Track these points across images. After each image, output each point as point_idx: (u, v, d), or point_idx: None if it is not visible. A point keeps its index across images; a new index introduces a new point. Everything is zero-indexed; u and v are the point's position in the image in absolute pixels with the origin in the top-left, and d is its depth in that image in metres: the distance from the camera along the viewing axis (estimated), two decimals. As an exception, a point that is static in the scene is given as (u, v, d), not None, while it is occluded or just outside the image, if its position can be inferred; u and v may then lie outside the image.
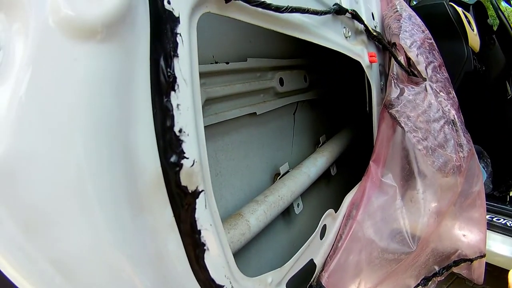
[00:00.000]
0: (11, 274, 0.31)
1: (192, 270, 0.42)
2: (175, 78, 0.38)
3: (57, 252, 0.32)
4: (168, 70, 0.37)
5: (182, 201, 0.40)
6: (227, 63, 0.87)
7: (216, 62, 0.85)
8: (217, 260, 0.46)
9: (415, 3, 2.00)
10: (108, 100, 0.33)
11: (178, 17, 0.39)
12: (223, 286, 0.47)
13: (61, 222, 0.31)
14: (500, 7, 2.01)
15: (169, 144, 0.38)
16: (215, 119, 0.83)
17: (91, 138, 0.32)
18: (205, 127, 0.80)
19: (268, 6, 0.53)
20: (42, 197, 0.30)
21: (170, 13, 0.38)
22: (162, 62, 0.37)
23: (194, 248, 0.42)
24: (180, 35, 0.39)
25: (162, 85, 0.37)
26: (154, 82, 0.36)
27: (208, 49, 0.84)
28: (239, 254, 0.83)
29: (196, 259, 0.42)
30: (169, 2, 0.38)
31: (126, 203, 0.35)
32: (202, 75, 0.79)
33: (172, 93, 0.38)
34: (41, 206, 0.30)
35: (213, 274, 0.45)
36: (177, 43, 0.39)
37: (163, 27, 0.37)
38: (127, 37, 0.34)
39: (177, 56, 0.38)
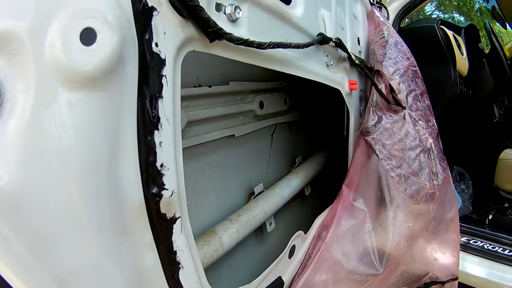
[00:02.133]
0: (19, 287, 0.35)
1: (168, 285, 0.47)
2: (158, 118, 0.42)
3: (57, 269, 0.36)
4: (153, 111, 0.41)
5: (161, 226, 0.44)
6: (210, 86, 0.90)
7: (200, 85, 0.89)
8: (190, 277, 0.51)
9: (407, 21, 2.02)
10: (98, 141, 0.36)
11: (165, 59, 0.42)
12: None
13: (59, 244, 0.35)
14: (494, 28, 2.03)
15: (151, 177, 0.42)
16: (195, 141, 0.86)
17: (83, 173, 0.36)
18: (185, 148, 0.84)
19: (251, 44, 0.56)
20: (43, 223, 0.34)
21: (158, 55, 0.41)
22: (147, 104, 0.40)
23: (170, 266, 0.47)
24: (165, 77, 0.42)
25: (147, 124, 0.40)
26: (140, 122, 0.40)
27: (192, 72, 0.87)
28: (211, 269, 0.86)
29: (172, 275, 0.47)
30: (156, 45, 0.41)
31: (114, 227, 0.39)
32: (185, 98, 0.84)
33: (156, 131, 0.41)
34: (42, 231, 0.34)
35: None
36: (162, 85, 0.42)
37: (150, 69, 0.40)
38: (117, 83, 0.37)
39: (162, 97, 0.42)
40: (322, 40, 0.85)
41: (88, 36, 0.33)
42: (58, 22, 0.32)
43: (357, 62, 1.05)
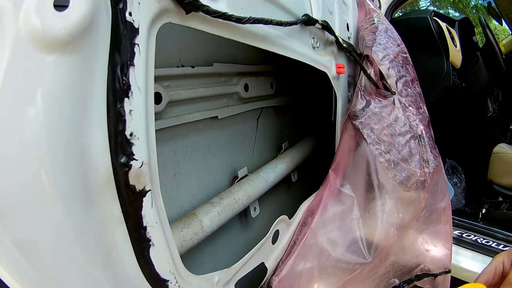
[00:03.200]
0: None
1: (138, 263, 0.45)
2: (129, 86, 0.41)
3: (19, 236, 0.36)
4: (124, 78, 0.40)
5: (129, 199, 0.43)
6: (193, 67, 0.88)
7: (183, 66, 0.87)
8: (162, 255, 0.49)
9: (399, 14, 2.01)
10: (67, 106, 0.36)
11: (138, 28, 0.41)
12: (168, 280, 0.50)
13: (23, 211, 0.35)
14: (490, 25, 2.02)
15: (120, 146, 0.40)
16: (176, 121, 0.84)
17: (50, 139, 0.35)
18: (166, 128, 0.83)
19: (229, 17, 0.55)
20: (8, 188, 0.34)
21: (131, 24, 0.41)
22: (118, 71, 0.39)
23: (140, 242, 0.45)
24: (138, 45, 0.42)
25: (117, 92, 0.39)
26: (110, 89, 0.39)
27: (175, 52, 0.86)
28: (193, 253, 0.85)
29: (142, 253, 0.46)
30: (130, 14, 0.40)
31: (80, 196, 0.38)
32: (167, 78, 0.82)
33: (126, 99, 0.40)
34: (6, 196, 0.34)
35: (158, 268, 0.48)
36: (134, 53, 0.41)
37: (122, 38, 0.40)
38: (88, 48, 0.37)
39: (133, 65, 0.41)
40: (307, 21, 0.83)
41: (62, 3, 0.34)
42: None
43: (344, 45, 1.03)
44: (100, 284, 0.42)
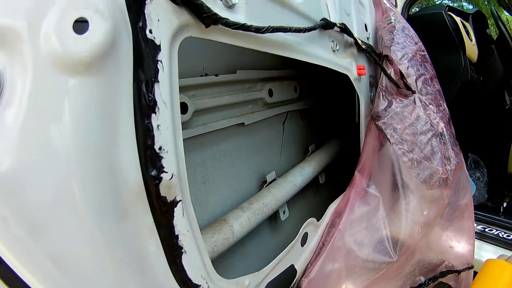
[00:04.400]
0: (15, 266, 0.37)
1: (171, 270, 0.47)
2: (155, 101, 0.42)
3: (53, 249, 0.37)
4: (149, 94, 0.41)
5: (161, 209, 0.44)
6: (217, 75, 0.90)
7: (206, 75, 0.88)
8: (194, 262, 0.50)
9: (416, 9, 2.00)
10: (95, 125, 0.37)
11: (159, 45, 0.43)
12: (200, 285, 0.51)
13: (56, 225, 0.36)
14: (502, 17, 2.00)
15: (150, 160, 0.42)
16: (203, 130, 0.86)
17: (80, 156, 0.36)
18: (193, 137, 0.84)
19: (248, 28, 0.56)
20: (41, 204, 0.35)
21: (152, 41, 0.42)
22: (143, 88, 0.41)
23: (173, 250, 0.46)
24: (161, 62, 0.43)
25: (144, 108, 0.41)
26: (137, 105, 0.40)
27: (198, 62, 0.87)
28: (224, 257, 0.86)
29: (174, 260, 0.47)
30: (151, 31, 0.41)
31: (112, 210, 0.39)
32: (192, 87, 0.84)
33: (153, 115, 0.42)
34: (40, 212, 0.35)
35: (190, 274, 0.49)
36: (157, 70, 0.42)
37: (145, 55, 0.41)
38: (112, 68, 0.38)
39: (158, 82, 0.42)
40: (326, 25, 0.84)
41: (81, 26, 0.35)
42: (51, 14, 0.34)
43: (364, 47, 1.04)
44: None
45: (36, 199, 0.35)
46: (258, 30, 0.58)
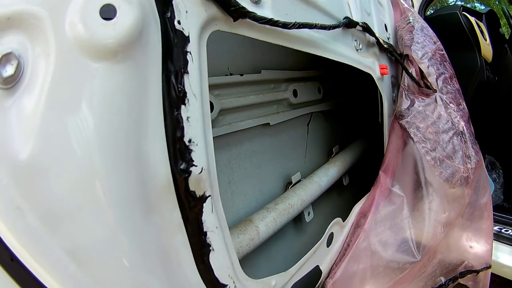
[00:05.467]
0: (29, 262, 0.35)
1: (198, 269, 0.45)
2: (185, 93, 0.41)
3: (73, 244, 0.35)
4: (179, 85, 0.40)
5: (190, 204, 0.43)
6: (242, 75, 0.90)
7: (231, 74, 0.88)
8: (222, 260, 0.49)
9: (431, 11, 2.00)
10: (122, 113, 0.36)
11: (188, 36, 0.42)
12: (227, 285, 0.50)
13: (78, 218, 0.35)
14: (512, 15, 2.00)
15: (179, 152, 0.41)
16: (229, 129, 0.86)
17: (105, 145, 0.35)
18: (219, 136, 0.84)
19: (275, 23, 0.56)
20: (60, 195, 0.34)
21: (181, 32, 0.41)
22: (173, 79, 0.40)
23: (200, 248, 0.45)
24: (190, 53, 0.42)
25: (173, 99, 0.40)
26: (166, 96, 0.40)
27: (223, 61, 0.87)
28: (249, 258, 0.85)
29: (202, 258, 0.46)
30: (179, 22, 0.41)
31: (138, 204, 0.38)
32: (217, 86, 0.83)
33: (183, 106, 0.41)
34: (59, 203, 0.34)
35: (217, 273, 0.48)
36: (187, 61, 0.42)
37: (174, 46, 0.40)
38: (140, 57, 0.37)
39: (187, 73, 0.41)
40: (349, 23, 0.84)
41: (108, 11, 0.35)
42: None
43: (386, 46, 1.03)
44: None
45: (55, 189, 0.34)
46: (285, 25, 0.58)
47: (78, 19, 0.33)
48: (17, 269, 0.35)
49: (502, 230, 1.58)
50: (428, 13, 1.97)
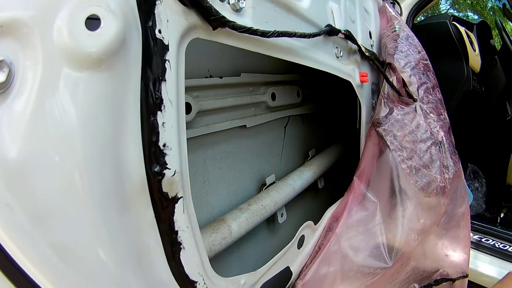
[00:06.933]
0: (15, 254, 0.37)
1: (169, 265, 0.48)
2: (161, 99, 0.43)
3: (56, 239, 0.37)
4: (156, 92, 0.42)
5: (162, 205, 0.45)
6: (221, 77, 0.91)
7: (211, 76, 0.90)
8: (192, 258, 0.51)
9: (421, 18, 2.00)
10: (103, 119, 0.38)
11: (168, 45, 0.44)
12: (196, 282, 0.53)
13: (60, 215, 0.37)
14: (506, 28, 2.00)
15: (154, 156, 0.43)
16: (206, 130, 0.87)
17: (87, 149, 0.37)
18: (195, 137, 0.85)
19: (254, 32, 0.57)
20: (46, 193, 0.36)
21: (161, 41, 0.43)
22: (151, 86, 0.42)
23: (172, 246, 0.47)
24: (169, 61, 0.44)
25: (150, 105, 0.42)
26: (144, 102, 0.41)
27: (204, 63, 0.88)
28: (221, 257, 0.87)
29: (173, 255, 0.48)
30: (160, 31, 0.43)
31: (115, 202, 0.41)
32: (196, 88, 0.85)
33: (159, 112, 0.43)
34: (45, 201, 0.36)
35: (187, 270, 0.50)
36: (165, 69, 0.44)
37: (153, 54, 0.42)
38: (121, 65, 0.39)
39: (165, 80, 0.43)
40: (330, 31, 0.85)
41: (93, 23, 0.36)
42: (65, 10, 0.36)
43: (367, 54, 1.05)
44: (131, 285, 0.44)
45: (41, 187, 0.36)
46: (264, 34, 0.59)
47: (65, 30, 0.35)
48: (5, 261, 0.38)
49: (482, 240, 1.60)
50: (418, 19, 1.98)
